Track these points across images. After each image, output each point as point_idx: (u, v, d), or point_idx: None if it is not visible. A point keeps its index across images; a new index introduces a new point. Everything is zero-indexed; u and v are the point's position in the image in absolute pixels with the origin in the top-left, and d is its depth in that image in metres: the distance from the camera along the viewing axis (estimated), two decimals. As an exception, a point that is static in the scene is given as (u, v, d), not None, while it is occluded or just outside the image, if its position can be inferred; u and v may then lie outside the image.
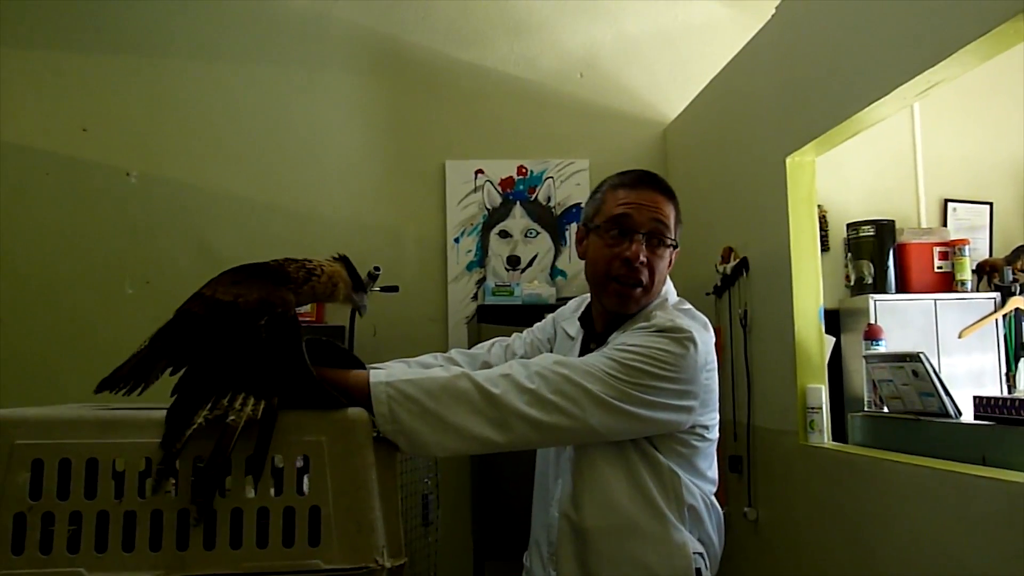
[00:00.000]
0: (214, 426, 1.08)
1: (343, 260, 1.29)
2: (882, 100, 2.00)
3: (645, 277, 1.43)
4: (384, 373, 1.26)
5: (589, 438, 1.34)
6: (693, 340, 1.35)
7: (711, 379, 1.42)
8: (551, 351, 1.62)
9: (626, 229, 1.43)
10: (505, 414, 1.25)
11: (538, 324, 1.72)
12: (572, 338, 1.58)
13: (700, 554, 1.40)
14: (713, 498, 1.46)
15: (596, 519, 1.38)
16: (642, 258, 1.42)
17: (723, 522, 1.49)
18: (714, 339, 1.45)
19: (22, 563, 1.04)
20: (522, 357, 1.63)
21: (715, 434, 1.45)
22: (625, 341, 1.36)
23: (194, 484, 1.07)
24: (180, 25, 3.41)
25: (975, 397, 2.00)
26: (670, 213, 1.47)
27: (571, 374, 1.29)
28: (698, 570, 1.38)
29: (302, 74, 3.46)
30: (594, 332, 1.52)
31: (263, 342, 1.15)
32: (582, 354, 1.47)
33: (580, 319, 1.57)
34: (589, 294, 1.58)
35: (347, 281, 1.29)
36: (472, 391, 1.25)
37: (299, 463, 1.13)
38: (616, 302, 1.45)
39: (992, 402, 1.95)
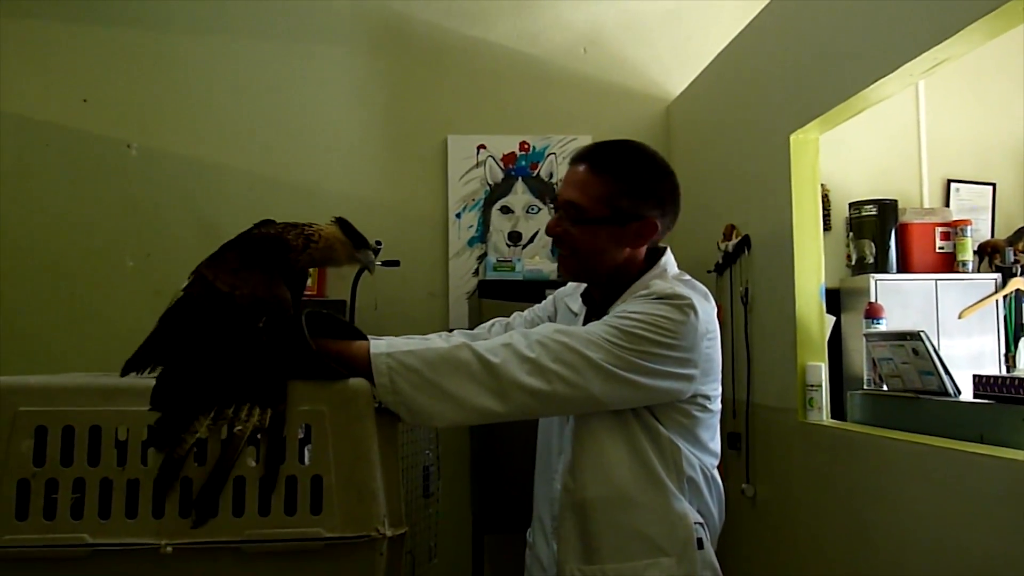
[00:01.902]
0: (216, 434, 1.07)
1: (339, 222, 1.29)
2: (888, 77, 1.99)
3: (562, 247, 1.46)
4: (385, 343, 1.26)
5: (590, 407, 1.34)
6: (693, 307, 1.35)
7: (712, 348, 1.41)
8: None
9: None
10: (505, 384, 1.25)
11: (539, 304, 1.72)
12: (575, 313, 1.58)
13: (700, 524, 1.40)
14: (715, 471, 1.46)
15: (596, 491, 1.39)
16: (556, 229, 1.45)
17: (724, 496, 1.50)
18: (715, 310, 1.44)
19: (26, 529, 1.04)
20: None
21: (717, 405, 1.45)
22: (625, 309, 1.35)
23: (196, 498, 1.06)
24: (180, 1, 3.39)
25: (974, 376, 2.01)
26: (592, 187, 1.42)
27: (572, 342, 1.29)
28: (699, 540, 1.39)
29: (304, 48, 3.43)
30: (595, 306, 1.52)
31: (264, 345, 1.14)
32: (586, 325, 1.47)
33: (583, 295, 1.57)
34: None
35: (344, 241, 1.28)
36: (472, 361, 1.25)
37: (300, 433, 1.13)
38: (559, 268, 1.51)
39: (991, 381, 1.95)
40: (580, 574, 1.39)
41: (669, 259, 1.51)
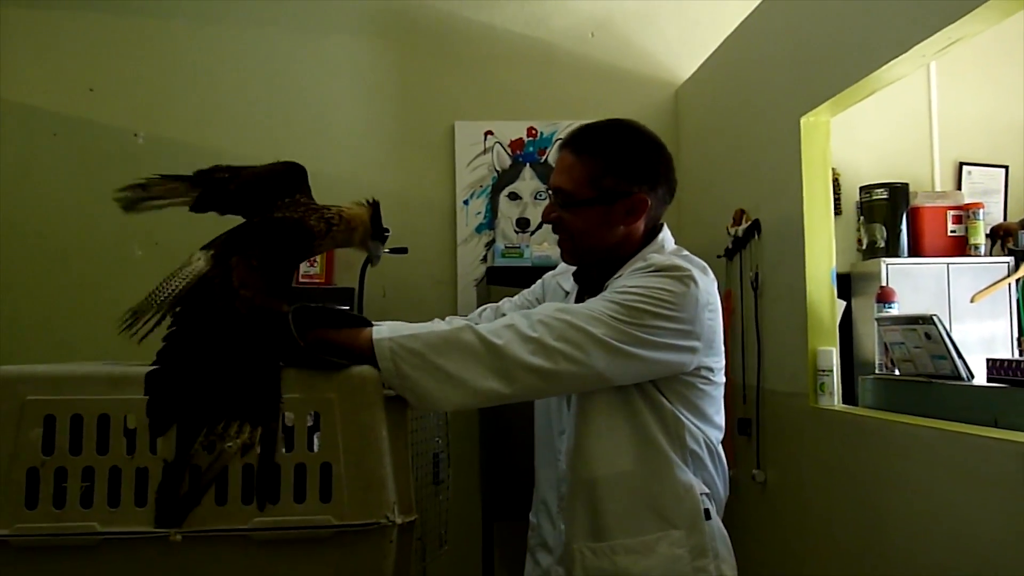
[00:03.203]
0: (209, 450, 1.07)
1: (373, 206, 1.30)
2: (900, 58, 1.96)
3: (560, 232, 1.47)
4: (387, 327, 1.26)
5: (596, 384, 1.34)
6: (693, 278, 1.35)
7: (714, 320, 1.41)
8: None
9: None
10: (509, 364, 1.24)
11: (528, 288, 1.73)
12: (567, 292, 1.58)
13: (707, 495, 1.42)
14: (719, 446, 1.47)
15: (602, 469, 1.39)
16: (551, 216, 1.47)
17: (727, 472, 1.50)
18: (715, 283, 1.44)
19: (36, 518, 1.04)
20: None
21: (721, 378, 1.45)
22: (624, 284, 1.35)
23: (167, 509, 1.06)
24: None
25: (988, 359, 1.99)
26: (575, 170, 1.43)
27: (574, 319, 1.28)
28: (707, 511, 1.41)
29: (311, 35, 3.42)
30: (589, 284, 1.52)
31: (258, 357, 1.13)
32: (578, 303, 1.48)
33: (575, 274, 1.57)
34: None
35: (366, 226, 1.29)
36: (475, 343, 1.25)
37: (309, 421, 1.13)
38: (561, 255, 1.52)
39: (1005, 365, 1.93)
40: (589, 551, 1.40)
41: (666, 235, 1.51)
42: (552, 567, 1.48)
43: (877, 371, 2.65)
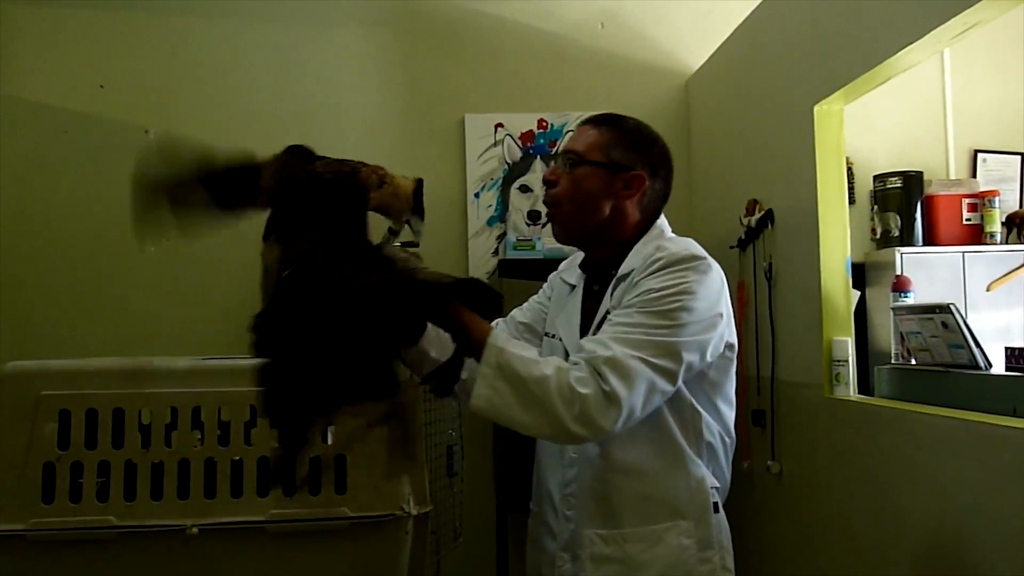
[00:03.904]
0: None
1: (416, 180, 1.31)
2: (914, 45, 1.94)
3: (554, 206, 1.51)
4: (504, 338, 1.31)
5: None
6: (710, 264, 1.41)
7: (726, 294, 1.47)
8: (548, 307, 1.67)
9: None
10: (588, 417, 1.28)
11: (534, 295, 1.76)
12: (573, 285, 1.61)
13: (716, 488, 1.46)
14: (731, 430, 1.51)
15: (617, 459, 1.42)
16: (552, 176, 1.51)
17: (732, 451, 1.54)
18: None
19: (53, 512, 1.05)
20: (521, 323, 1.69)
21: (736, 349, 1.50)
22: (651, 288, 1.37)
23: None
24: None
25: (1007, 348, 1.97)
26: (589, 137, 1.51)
27: (639, 364, 1.31)
28: (715, 504, 1.44)
29: (319, 29, 3.41)
30: (595, 272, 1.56)
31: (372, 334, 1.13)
32: (586, 297, 1.54)
33: (581, 265, 1.61)
34: (577, 252, 1.65)
35: (409, 198, 1.30)
36: (565, 391, 1.27)
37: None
38: (552, 231, 1.55)
39: (1024, 353, 1.92)
40: (599, 539, 1.43)
41: (664, 222, 1.56)
42: (557, 553, 1.50)
43: (893, 361, 2.64)
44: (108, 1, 3.32)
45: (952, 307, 2.09)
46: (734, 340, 1.47)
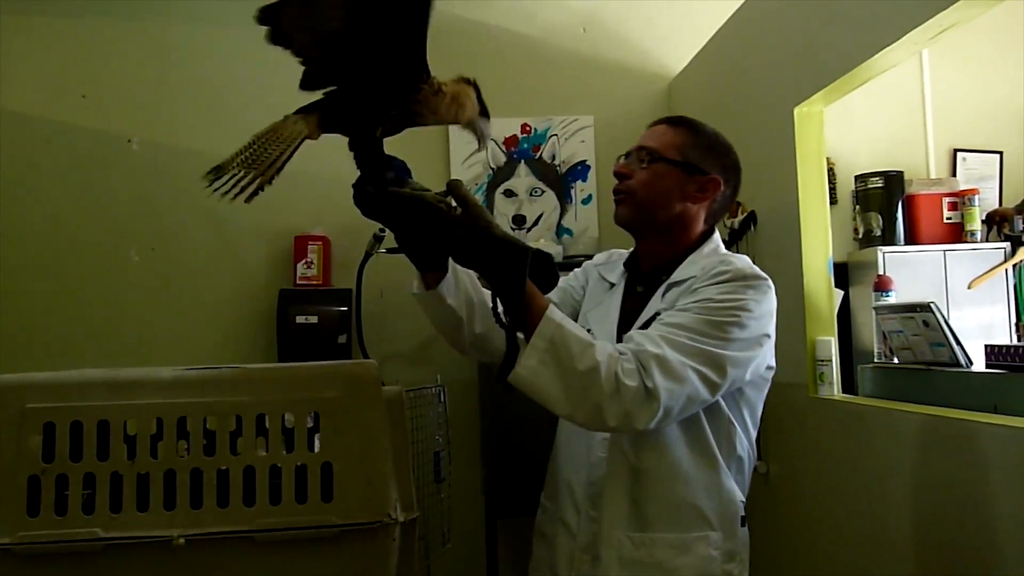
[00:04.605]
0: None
1: (472, 83, 1.31)
2: (892, 46, 1.96)
3: (624, 189, 1.52)
4: (561, 314, 1.30)
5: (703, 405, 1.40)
6: (769, 284, 1.43)
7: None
8: (583, 296, 1.67)
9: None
10: (629, 408, 1.27)
11: (571, 273, 1.75)
12: (612, 283, 1.61)
13: (743, 502, 1.47)
14: (755, 445, 1.53)
15: (653, 461, 1.42)
16: (624, 169, 1.52)
17: None
18: None
19: (38, 525, 1.04)
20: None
21: (774, 370, 1.51)
22: (711, 297, 1.38)
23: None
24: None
25: (987, 346, 1.99)
26: (666, 136, 1.52)
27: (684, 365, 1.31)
28: (743, 517, 1.46)
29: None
30: (640, 275, 1.56)
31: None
32: (626, 296, 1.54)
33: (626, 263, 1.61)
34: (615, 249, 1.69)
35: (474, 104, 1.29)
36: (611, 380, 1.26)
37: (310, 422, 1.13)
38: (616, 213, 1.55)
39: (1004, 351, 1.94)
40: (629, 541, 1.42)
41: (718, 236, 1.58)
42: (576, 553, 1.48)
43: (876, 360, 2.66)
44: (90, 9, 3.31)
45: (933, 306, 2.11)
46: (774, 362, 1.48)
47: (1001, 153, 3.65)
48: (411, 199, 1.24)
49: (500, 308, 1.30)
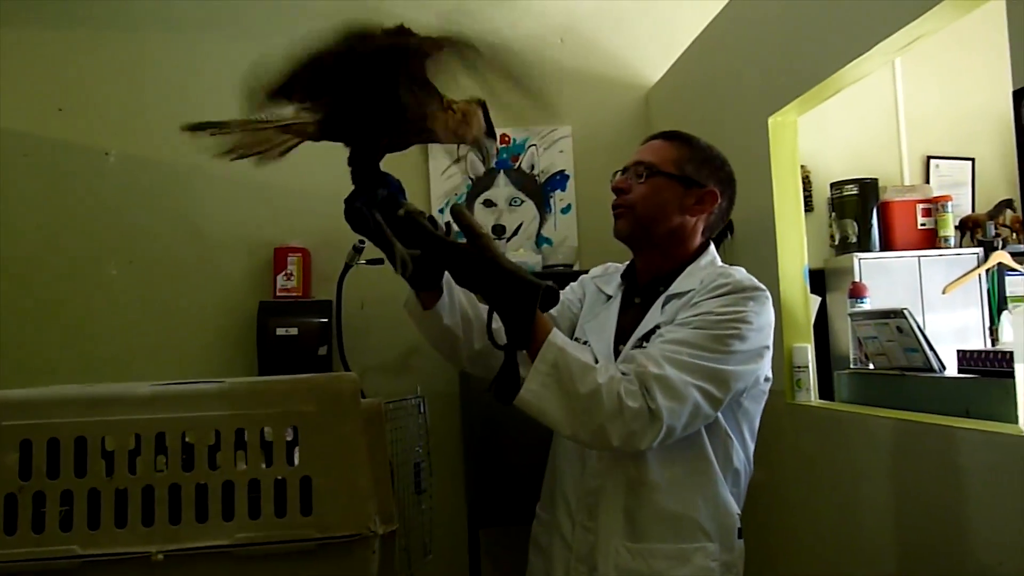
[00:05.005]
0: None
1: (481, 103, 1.32)
2: (863, 57, 2.00)
3: (623, 203, 1.54)
4: (563, 337, 1.32)
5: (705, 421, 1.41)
6: (768, 296, 1.44)
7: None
8: (580, 309, 1.68)
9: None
10: (632, 427, 1.30)
11: (567, 287, 1.76)
12: (609, 296, 1.62)
13: (739, 515, 1.48)
14: (752, 458, 1.53)
15: (650, 472, 1.42)
16: (623, 184, 1.54)
17: None
18: None
19: (15, 543, 1.04)
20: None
21: (771, 381, 1.52)
22: (712, 310, 1.39)
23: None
24: (155, 1, 3.35)
25: (958, 351, 2.02)
26: (663, 151, 1.54)
27: (684, 381, 1.33)
28: (739, 529, 1.47)
29: (280, 48, 3.40)
30: (637, 287, 1.58)
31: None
32: (623, 308, 1.56)
33: (624, 274, 1.63)
34: (611, 263, 1.70)
35: (481, 123, 1.30)
36: (615, 400, 1.28)
37: (289, 436, 1.14)
38: (615, 226, 1.57)
39: (975, 355, 1.97)
40: (626, 551, 1.42)
41: (713, 249, 1.59)
42: (572, 564, 1.48)
43: (852, 366, 2.69)
44: (61, 22, 3.29)
45: (906, 312, 2.14)
46: (771, 373, 1.50)
47: (973, 160, 3.70)
48: (413, 227, 1.25)
49: (494, 325, 1.31)
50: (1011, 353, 1.79)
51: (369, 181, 1.27)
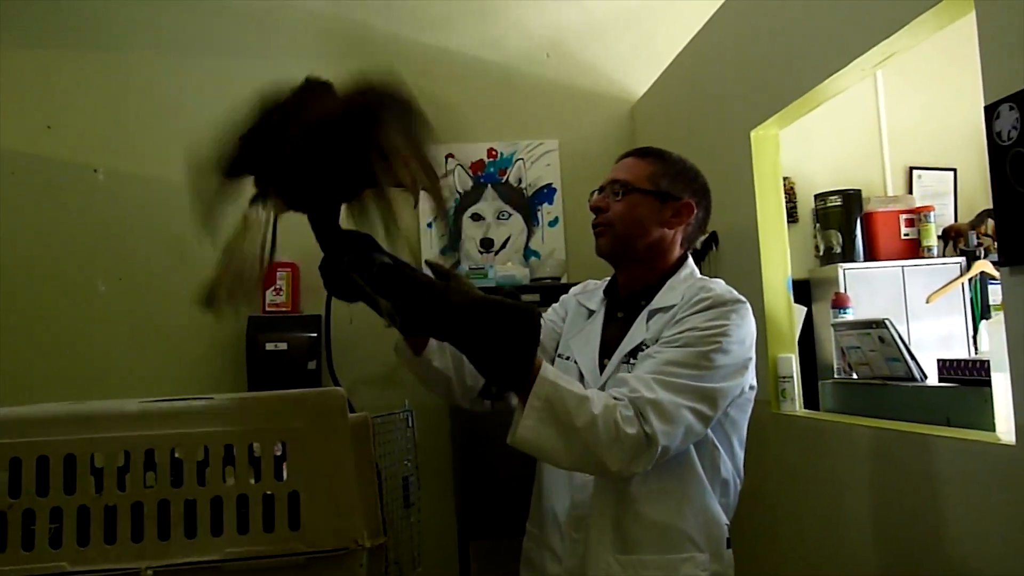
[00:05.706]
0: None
1: (415, 148, 1.31)
2: (841, 72, 2.04)
3: (602, 221, 1.55)
4: (554, 371, 1.31)
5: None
6: (748, 307, 1.46)
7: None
8: (563, 328, 1.69)
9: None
10: (632, 454, 1.31)
11: (549, 308, 1.77)
12: (592, 310, 1.64)
13: (727, 525, 1.48)
14: (742, 468, 1.53)
15: (638, 483, 1.43)
16: (601, 203, 1.55)
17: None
18: None
19: (5, 561, 1.05)
20: None
21: (755, 390, 1.54)
22: (696, 326, 1.41)
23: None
24: (142, 19, 3.37)
25: (939, 360, 2.05)
26: (637, 168, 1.56)
27: (677, 404, 1.34)
28: (728, 539, 1.47)
29: (267, 65, 3.42)
30: (619, 302, 1.60)
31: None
32: (607, 322, 1.57)
33: (606, 290, 1.64)
34: (590, 280, 1.72)
35: (433, 169, 1.30)
36: (611, 427, 1.29)
37: (277, 451, 1.15)
38: (597, 245, 1.58)
39: (955, 364, 2.00)
40: (616, 563, 1.43)
41: (692, 261, 1.61)
42: None
43: (836, 375, 2.71)
44: (52, 39, 3.31)
45: (888, 322, 2.17)
46: (755, 381, 1.51)
47: (955, 170, 3.74)
48: (392, 276, 1.24)
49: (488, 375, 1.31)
50: (988, 362, 1.81)
51: (335, 246, 1.25)
